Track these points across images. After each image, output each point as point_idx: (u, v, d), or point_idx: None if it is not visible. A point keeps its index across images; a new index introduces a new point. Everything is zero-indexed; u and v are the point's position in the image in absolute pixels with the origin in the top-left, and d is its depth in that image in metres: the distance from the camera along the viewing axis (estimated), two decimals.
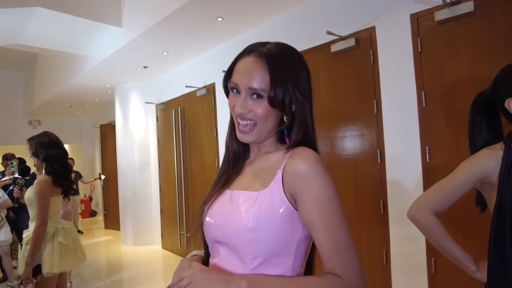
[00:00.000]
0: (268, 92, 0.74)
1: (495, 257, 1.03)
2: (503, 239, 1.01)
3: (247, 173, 0.84)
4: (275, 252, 0.72)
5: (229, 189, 0.83)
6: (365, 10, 2.52)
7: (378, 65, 2.45)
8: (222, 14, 3.08)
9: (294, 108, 0.77)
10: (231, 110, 0.82)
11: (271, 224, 0.71)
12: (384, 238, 2.43)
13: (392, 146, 2.40)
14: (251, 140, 0.79)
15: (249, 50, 0.79)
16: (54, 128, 7.67)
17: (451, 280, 2.08)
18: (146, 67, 4.63)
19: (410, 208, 1.16)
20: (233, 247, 0.75)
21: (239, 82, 0.77)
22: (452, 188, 1.10)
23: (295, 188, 0.71)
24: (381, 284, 2.45)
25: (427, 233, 1.15)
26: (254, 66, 0.76)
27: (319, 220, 0.69)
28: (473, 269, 1.10)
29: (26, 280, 2.05)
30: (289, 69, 0.77)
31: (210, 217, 0.81)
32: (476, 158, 1.10)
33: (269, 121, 0.78)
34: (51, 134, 2.30)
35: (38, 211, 2.11)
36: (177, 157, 4.76)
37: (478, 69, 1.99)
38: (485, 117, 1.15)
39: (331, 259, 0.68)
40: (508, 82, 1.07)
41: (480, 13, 1.98)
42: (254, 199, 0.74)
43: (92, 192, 8.46)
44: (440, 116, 2.17)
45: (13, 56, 6.21)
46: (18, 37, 4.05)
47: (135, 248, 5.39)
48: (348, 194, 2.63)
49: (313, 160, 0.72)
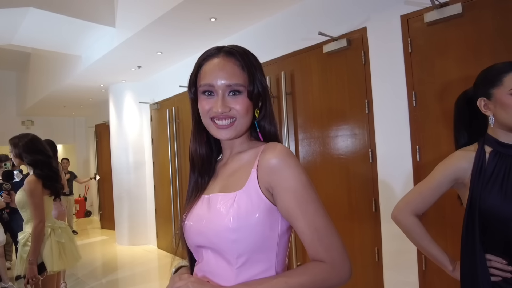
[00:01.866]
0: (247, 86, 0.77)
1: (466, 255, 1.07)
2: (473, 238, 1.05)
3: (222, 175, 0.85)
4: (258, 249, 0.74)
5: (206, 194, 0.83)
6: (357, 11, 2.55)
7: (369, 66, 2.49)
8: (215, 15, 3.09)
9: (263, 100, 0.81)
10: (203, 114, 0.79)
11: (252, 222, 0.73)
12: (376, 236, 2.47)
13: (384, 145, 2.43)
14: (231, 135, 0.79)
15: (213, 53, 0.80)
16: (47, 128, 7.72)
17: (440, 276, 2.12)
18: (140, 67, 4.63)
19: (393, 210, 1.22)
20: (217, 249, 0.76)
21: (214, 82, 0.76)
22: (429, 190, 1.15)
23: (270, 182, 0.73)
24: (373, 280, 2.49)
25: (408, 233, 1.20)
26: (227, 64, 0.77)
27: (297, 208, 0.71)
28: (450, 268, 1.15)
29: (33, 279, 2.05)
30: (256, 63, 0.81)
31: (190, 223, 0.82)
32: (449, 160, 1.14)
33: (248, 116, 0.79)
34: (34, 138, 2.27)
35: (33, 210, 2.11)
36: (171, 156, 4.76)
37: (467, 69, 2.03)
38: (467, 116, 1.19)
39: (313, 244, 0.71)
40: (483, 82, 1.11)
41: (468, 15, 2.02)
42: (232, 199, 0.75)
43: (87, 192, 8.42)
44: (430, 116, 2.21)
45: (5, 56, 6.16)
46: (10, 37, 4.03)
47: (130, 248, 5.39)
48: (340, 193, 2.66)
49: (284, 153, 0.74)
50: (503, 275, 1.02)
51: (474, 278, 1.04)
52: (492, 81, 1.07)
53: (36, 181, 2.16)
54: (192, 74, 0.83)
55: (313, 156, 2.87)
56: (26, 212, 2.19)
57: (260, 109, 0.82)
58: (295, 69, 2.96)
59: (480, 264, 1.02)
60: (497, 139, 1.07)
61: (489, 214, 1.02)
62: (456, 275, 1.13)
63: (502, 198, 1.00)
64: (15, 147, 2.22)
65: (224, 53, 0.79)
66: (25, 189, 2.14)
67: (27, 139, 2.23)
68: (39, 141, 2.29)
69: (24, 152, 2.20)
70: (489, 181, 1.03)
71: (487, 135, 1.11)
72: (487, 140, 1.10)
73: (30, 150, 2.20)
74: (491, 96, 1.07)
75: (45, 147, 2.31)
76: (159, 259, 4.82)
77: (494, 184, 1.03)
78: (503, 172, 1.03)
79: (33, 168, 2.21)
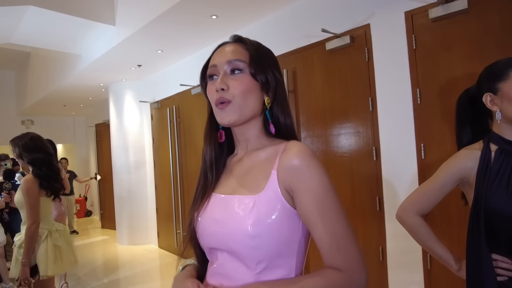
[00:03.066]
0: (248, 64, 0.76)
1: (471, 255, 1.06)
2: (478, 237, 1.04)
3: (236, 173, 0.81)
4: (279, 254, 0.71)
5: (219, 193, 0.79)
6: (360, 8, 2.52)
7: (373, 63, 2.46)
8: (216, 12, 3.06)
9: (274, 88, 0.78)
10: (211, 99, 0.78)
11: (272, 228, 0.69)
12: (380, 235, 2.45)
13: (388, 143, 2.41)
14: (230, 119, 0.75)
15: (223, 43, 0.82)
16: (47, 127, 7.70)
17: (446, 275, 2.10)
18: (140, 66, 4.60)
19: (397, 210, 1.20)
20: (234, 253, 0.73)
21: (217, 61, 0.77)
22: (433, 190, 1.14)
23: (291, 184, 0.70)
24: (378, 280, 2.47)
25: (414, 233, 1.19)
26: (231, 47, 0.78)
27: (317, 213, 0.68)
28: (456, 267, 1.14)
29: (25, 281, 2.01)
30: (266, 52, 0.81)
31: (203, 224, 0.78)
32: (454, 159, 1.13)
33: (249, 99, 0.76)
34: (33, 136, 2.24)
35: (27, 210, 2.06)
36: (172, 156, 4.74)
37: (472, 66, 2.00)
38: (469, 114, 1.18)
39: (331, 252, 0.67)
40: (488, 77, 1.10)
41: (473, 10, 1.99)
42: (252, 203, 0.71)
43: (87, 192, 8.40)
44: (435, 113, 2.18)
45: (5, 55, 6.13)
46: (9, 35, 4.00)
47: (131, 248, 5.37)
48: (344, 191, 2.64)
49: (307, 154, 0.71)
50: (509, 275, 1.01)
51: (480, 278, 1.03)
52: (498, 76, 1.06)
53: (33, 180, 2.11)
54: (204, 65, 0.82)
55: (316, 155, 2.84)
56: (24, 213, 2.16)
57: (270, 98, 0.78)
58: (298, 66, 2.93)
59: (485, 264, 1.01)
60: (503, 137, 1.06)
61: (494, 213, 1.01)
62: (462, 275, 1.12)
63: (508, 197, 0.99)
64: (16, 147, 2.19)
65: (232, 41, 0.81)
66: (22, 188, 2.10)
67: (27, 138, 2.20)
68: (40, 139, 2.25)
69: (24, 151, 2.16)
70: (495, 180, 1.02)
71: (492, 133, 1.09)
72: (492, 138, 1.08)
73: (29, 149, 2.16)
74: (498, 90, 1.06)
75: (46, 145, 2.26)
76: (160, 259, 4.80)
77: (500, 183, 1.01)
78: (509, 171, 1.01)
79: (32, 166, 2.17)
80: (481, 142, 1.11)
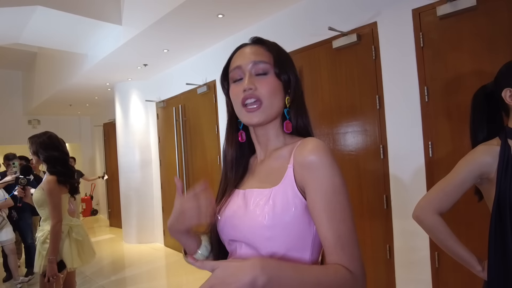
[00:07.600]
0: (273, 66, 0.79)
1: (496, 254, 1.04)
2: (504, 235, 1.01)
3: (259, 172, 0.83)
4: (293, 247, 0.73)
5: (242, 189, 0.83)
6: (367, 6, 2.51)
7: (380, 61, 2.45)
8: (222, 11, 3.07)
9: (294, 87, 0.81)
10: (235, 100, 0.80)
11: (287, 220, 0.71)
12: (387, 233, 2.44)
13: (395, 141, 2.40)
14: (259, 120, 0.77)
15: (242, 45, 0.84)
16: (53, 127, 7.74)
17: (454, 274, 2.09)
18: (146, 65, 4.62)
19: (414, 209, 1.18)
20: (251, 244, 0.75)
21: (242, 62, 0.79)
22: (453, 187, 1.11)
23: (303, 179, 0.71)
24: (385, 278, 2.47)
25: (432, 233, 1.16)
26: (254, 49, 0.81)
27: (323, 212, 0.68)
28: (478, 268, 1.11)
29: (53, 277, 2.08)
30: (285, 53, 0.84)
31: (224, 217, 0.81)
32: (473, 155, 1.11)
33: (275, 100, 0.79)
34: (51, 135, 2.31)
35: (51, 209, 2.15)
36: (178, 154, 4.76)
37: (481, 63, 1.99)
38: (485, 111, 1.17)
39: (335, 251, 0.68)
40: (508, 73, 1.09)
41: (482, 7, 1.98)
42: (267, 196, 0.73)
43: (93, 191, 8.46)
44: (442, 111, 2.17)
45: (12, 55, 6.19)
46: (17, 36, 4.03)
47: (137, 246, 5.41)
48: (351, 189, 2.64)
49: (321, 150, 0.71)
50: None
51: (507, 277, 1.00)
52: None
53: (54, 180, 2.19)
54: (224, 67, 0.85)
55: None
56: (44, 210, 2.23)
57: (290, 97, 0.81)
58: (304, 65, 2.93)
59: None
60: None
61: None
62: (484, 276, 1.09)
63: None
64: (33, 144, 2.26)
65: (253, 43, 0.83)
66: (45, 188, 2.18)
67: (45, 137, 2.27)
68: (57, 139, 2.33)
69: (41, 148, 2.23)
70: None
71: (509, 129, 1.08)
72: (510, 133, 1.07)
73: (46, 147, 2.23)
74: None
75: (62, 144, 2.34)
76: (166, 257, 4.82)
77: None
78: None
79: (47, 164, 2.24)
80: (498, 138, 1.10)
